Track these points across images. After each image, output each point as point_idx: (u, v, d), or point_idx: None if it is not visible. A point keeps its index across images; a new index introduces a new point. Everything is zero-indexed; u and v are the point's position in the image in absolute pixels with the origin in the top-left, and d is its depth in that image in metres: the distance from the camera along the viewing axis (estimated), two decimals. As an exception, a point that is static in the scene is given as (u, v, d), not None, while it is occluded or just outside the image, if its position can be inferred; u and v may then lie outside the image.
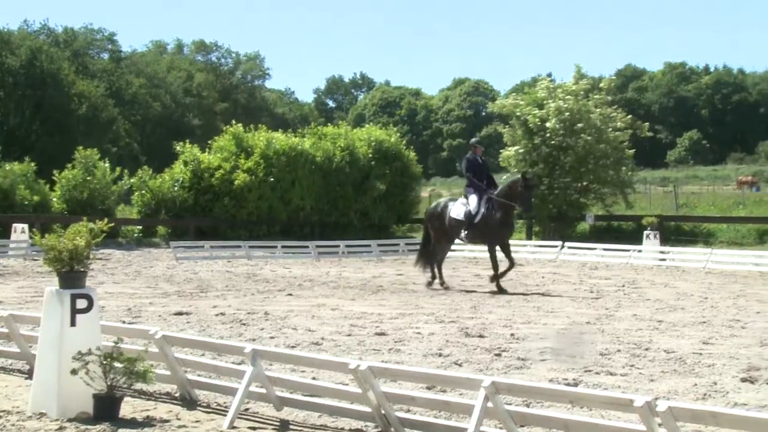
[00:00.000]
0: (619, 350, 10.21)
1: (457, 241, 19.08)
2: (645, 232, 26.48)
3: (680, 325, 12.41)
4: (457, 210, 18.05)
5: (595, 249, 26.82)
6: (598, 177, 32.67)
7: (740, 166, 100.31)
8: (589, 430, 5.83)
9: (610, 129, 32.71)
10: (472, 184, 18.05)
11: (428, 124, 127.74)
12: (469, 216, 17.70)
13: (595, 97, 33.36)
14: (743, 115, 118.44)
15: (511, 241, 18.75)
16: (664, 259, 24.57)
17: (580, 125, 31.85)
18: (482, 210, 17.57)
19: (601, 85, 34.56)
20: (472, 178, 18.01)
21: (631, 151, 33.59)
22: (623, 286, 18.56)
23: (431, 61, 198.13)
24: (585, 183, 32.63)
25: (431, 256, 18.43)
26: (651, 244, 26.09)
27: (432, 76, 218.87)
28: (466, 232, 17.91)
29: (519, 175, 18.34)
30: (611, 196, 33.48)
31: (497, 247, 17.71)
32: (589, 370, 9.00)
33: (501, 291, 16.97)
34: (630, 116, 34.32)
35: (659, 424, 5.32)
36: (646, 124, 35.37)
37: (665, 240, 27.25)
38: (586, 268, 23.57)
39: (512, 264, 17.67)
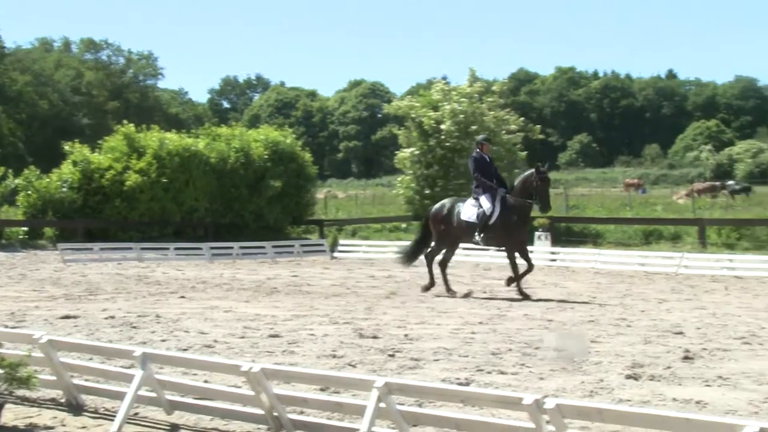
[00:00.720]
0: (510, 349, 10.37)
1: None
2: (536, 233, 26.96)
3: (569, 325, 12.69)
4: (468, 212, 16.88)
5: (488, 250, 27.13)
6: (492, 179, 33.10)
7: (627, 168, 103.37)
8: (480, 428, 5.91)
9: (504, 131, 33.21)
10: (481, 185, 16.79)
11: (324, 125, 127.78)
12: (483, 217, 16.53)
13: (489, 100, 33.84)
14: (630, 120, 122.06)
15: (405, 243, 18.82)
16: (554, 260, 25.07)
17: (474, 127, 32.23)
18: (497, 210, 16.50)
19: (494, 88, 35.06)
20: (481, 177, 16.78)
21: (524, 154, 34.17)
22: (514, 287, 18.86)
23: (327, 63, 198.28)
24: (479, 185, 33.03)
25: (429, 258, 17.53)
26: (542, 244, 26.58)
27: (328, 78, 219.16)
28: (481, 234, 16.64)
29: (532, 170, 16.74)
30: (504, 197, 33.95)
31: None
32: (481, 370, 9.12)
33: (524, 296, 16.08)
34: (522, 119, 34.92)
35: (547, 422, 5.42)
36: (538, 126, 36.04)
37: (556, 241, 27.83)
38: (480, 269, 23.88)
39: (531, 266, 16.68)
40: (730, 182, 64.00)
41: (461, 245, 18.65)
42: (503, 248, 17.08)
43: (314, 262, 26.67)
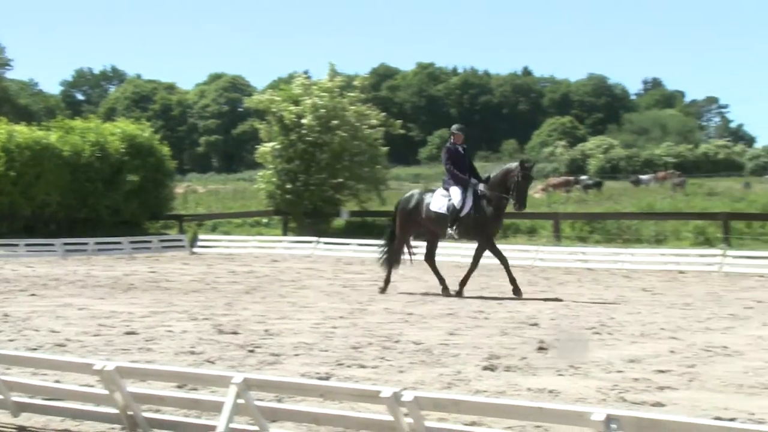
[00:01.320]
0: (370, 343, 10.43)
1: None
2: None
3: (429, 317, 12.86)
4: (437, 202, 16.09)
5: (349, 244, 27.28)
6: (354, 173, 33.22)
7: (486, 163, 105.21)
8: (338, 422, 5.91)
9: (365, 126, 33.37)
10: (453, 177, 15.98)
11: (183, 119, 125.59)
12: (453, 210, 15.77)
13: (350, 95, 33.93)
14: (489, 115, 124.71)
15: (266, 237, 18.69)
16: (415, 254, 25.27)
17: (335, 122, 32.29)
18: (468, 203, 15.73)
19: (355, 83, 35.18)
20: (454, 170, 15.95)
21: (385, 149, 34.41)
22: (376, 280, 18.98)
23: (186, 56, 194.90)
24: (340, 179, 33.10)
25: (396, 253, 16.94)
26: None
27: (187, 71, 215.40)
28: (453, 227, 15.81)
29: (515, 163, 15.92)
30: (366, 192, 34.15)
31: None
32: (341, 364, 9.13)
33: (517, 293, 15.44)
34: (383, 114, 35.15)
35: (405, 414, 5.46)
36: (399, 121, 36.34)
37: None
38: (341, 263, 23.94)
39: (505, 260, 15.86)
40: (583, 177, 66.22)
41: (323, 240, 18.53)
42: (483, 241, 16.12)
43: (173, 258, 26.20)
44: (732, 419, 6.81)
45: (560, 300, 15.13)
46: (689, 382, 8.34)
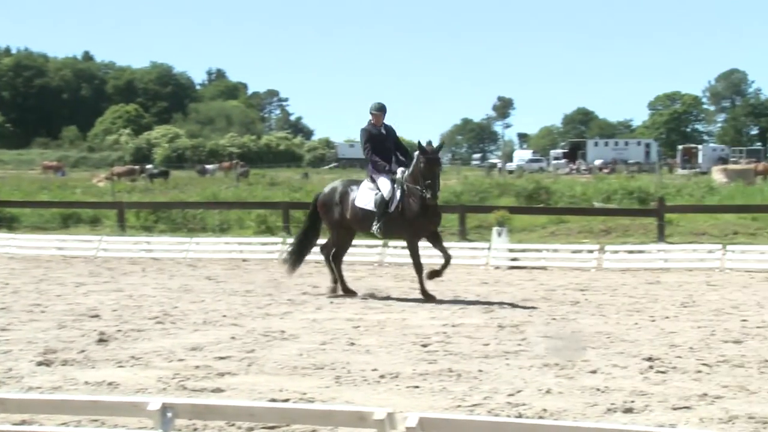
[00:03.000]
0: None
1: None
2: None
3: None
4: (364, 197, 13.65)
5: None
6: None
7: (45, 150, 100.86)
8: None
9: None
10: (373, 164, 13.75)
11: None
12: (381, 203, 13.43)
13: None
14: (47, 100, 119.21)
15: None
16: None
17: None
18: (398, 195, 13.41)
19: None
20: (372, 155, 13.73)
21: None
22: None
23: None
24: None
25: (325, 252, 14.47)
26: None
27: None
28: (378, 224, 13.50)
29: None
30: None
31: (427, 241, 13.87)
32: None
33: (428, 298, 13.34)
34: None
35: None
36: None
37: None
38: None
39: (448, 258, 13.67)
40: (149, 166, 65.75)
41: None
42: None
43: None
44: (286, 400, 7.10)
45: (122, 290, 14.83)
46: (248, 366, 8.57)
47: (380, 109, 13.81)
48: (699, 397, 7.24)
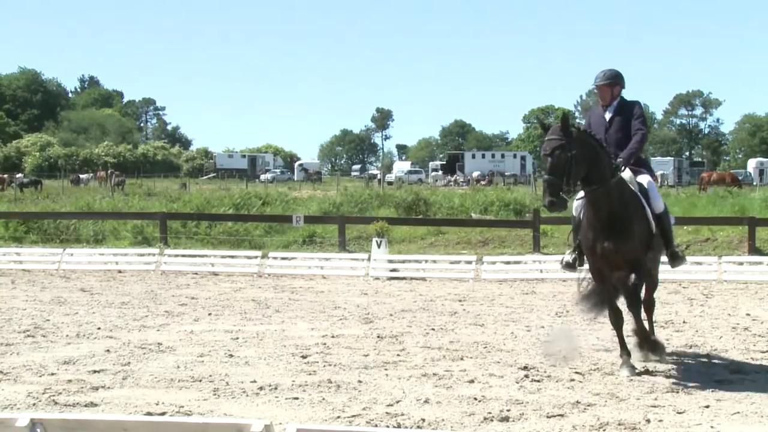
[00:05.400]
0: None
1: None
2: None
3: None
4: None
5: None
6: None
7: None
8: None
9: None
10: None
11: None
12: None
13: None
14: None
15: None
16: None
17: None
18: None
19: None
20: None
21: None
22: None
23: None
24: None
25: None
26: None
27: None
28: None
29: None
30: None
31: None
32: None
33: None
34: None
35: None
36: None
37: None
38: None
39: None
40: (19, 175, 63.72)
41: None
42: None
43: None
44: (162, 413, 6.97)
45: (-9, 303, 14.31)
46: (123, 380, 8.37)
47: (611, 78, 9.32)
48: (572, 404, 7.43)
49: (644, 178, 9.14)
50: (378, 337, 10.98)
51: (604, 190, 8.55)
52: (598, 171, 8.51)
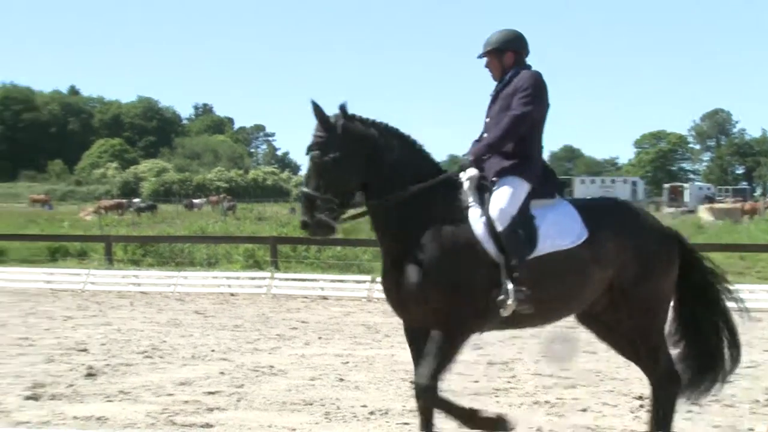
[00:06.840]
0: None
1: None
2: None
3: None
4: None
5: None
6: None
7: (33, 184, 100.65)
8: None
9: None
10: None
11: None
12: None
13: None
14: (36, 134, 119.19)
15: None
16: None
17: None
18: None
19: None
20: None
21: None
22: None
23: None
24: None
25: None
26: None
27: None
28: None
29: None
30: None
31: None
32: None
33: None
34: None
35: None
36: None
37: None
38: None
39: None
40: (136, 200, 65.72)
41: None
42: None
43: None
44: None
45: (111, 324, 14.77)
46: (237, 402, 8.54)
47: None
48: None
49: (505, 191, 6.23)
50: (488, 363, 10.93)
51: (393, 204, 6.17)
52: (389, 178, 6.13)
